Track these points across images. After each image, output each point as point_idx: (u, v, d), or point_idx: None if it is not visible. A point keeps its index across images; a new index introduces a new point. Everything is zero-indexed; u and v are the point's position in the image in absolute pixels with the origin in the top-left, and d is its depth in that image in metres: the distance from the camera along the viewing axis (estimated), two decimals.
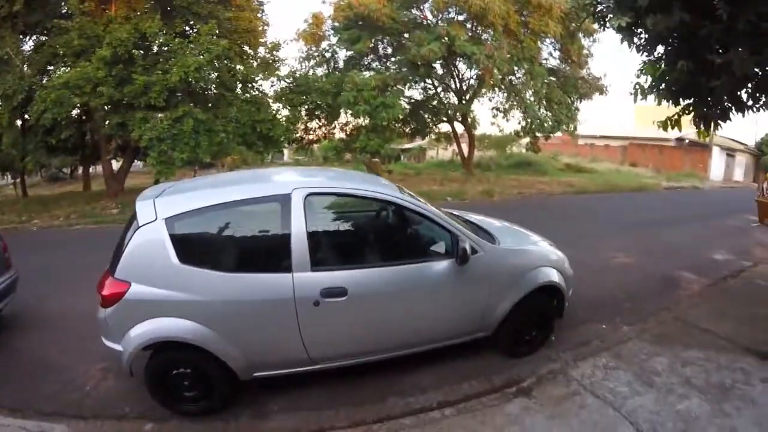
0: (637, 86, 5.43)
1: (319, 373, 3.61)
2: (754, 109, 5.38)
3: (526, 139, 19.92)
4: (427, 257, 3.66)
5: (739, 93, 5.33)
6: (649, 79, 5.50)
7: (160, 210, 3.24)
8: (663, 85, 5.44)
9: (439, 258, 3.61)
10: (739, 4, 4.17)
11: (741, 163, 35.16)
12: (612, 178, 20.53)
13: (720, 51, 4.71)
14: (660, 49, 5.45)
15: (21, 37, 13.89)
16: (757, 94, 5.24)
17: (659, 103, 5.60)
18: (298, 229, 3.26)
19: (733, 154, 33.96)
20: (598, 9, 5.50)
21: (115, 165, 16.80)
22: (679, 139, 31.48)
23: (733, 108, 5.45)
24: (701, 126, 5.73)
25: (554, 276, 4.22)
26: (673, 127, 5.79)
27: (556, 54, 18.73)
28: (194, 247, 3.29)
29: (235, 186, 3.65)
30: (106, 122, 13.08)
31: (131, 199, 3.96)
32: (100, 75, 11.98)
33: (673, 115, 5.74)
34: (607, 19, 5.32)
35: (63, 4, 12.74)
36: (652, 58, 5.54)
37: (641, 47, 5.44)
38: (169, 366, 3.34)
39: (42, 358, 4.32)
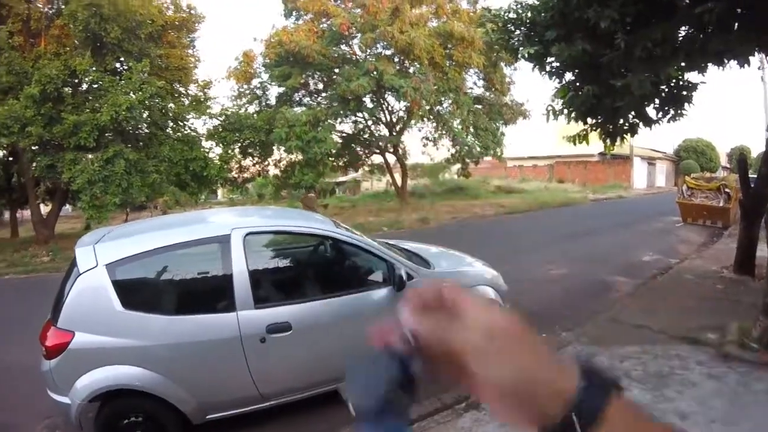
0: (549, 108, 6.06)
1: (269, 410, 3.59)
2: (660, 122, 6.09)
3: (457, 166, 20.68)
4: (365, 287, 3.86)
5: (645, 109, 6.03)
6: (560, 102, 6.10)
7: (100, 256, 3.20)
8: (572, 106, 6.01)
9: (378, 286, 3.80)
10: (635, 34, 4.72)
11: (662, 170, 38.70)
12: (541, 196, 21.64)
13: (622, 74, 5.25)
14: (569, 75, 6.06)
15: None
16: (666, 108, 5.92)
17: (569, 122, 6.28)
18: (239, 268, 3.33)
19: (653, 162, 37.34)
20: (510, 42, 6.02)
21: (44, 209, 16.09)
22: (602, 153, 33.81)
23: (640, 123, 6.16)
24: (607, 140, 6.49)
25: (490, 293, 4.46)
26: (581, 142, 6.60)
27: (481, 83, 19.88)
28: (137, 292, 3.30)
29: (174, 229, 3.69)
30: (34, 164, 12.57)
31: (63, 245, 3.96)
32: (29, 114, 11.55)
33: (581, 131, 6.48)
34: (518, 51, 5.85)
35: None
36: (563, 82, 6.14)
37: (552, 73, 6.00)
38: (120, 415, 3.23)
39: None
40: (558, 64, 5.83)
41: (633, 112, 6.06)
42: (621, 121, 6.26)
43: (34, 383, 3.34)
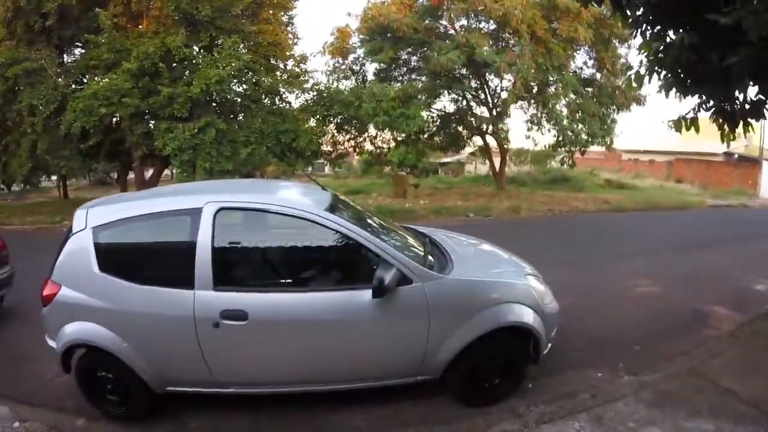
0: (631, 74, 4.42)
1: (244, 399, 3.57)
2: None
3: (561, 154, 18.92)
4: (347, 285, 3.42)
5: None
6: (645, 61, 4.39)
7: (90, 219, 3.39)
8: (662, 67, 4.29)
9: (361, 287, 3.23)
10: None
11: None
12: (653, 196, 19.30)
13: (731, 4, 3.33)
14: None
15: (56, 49, 14.62)
16: None
17: (663, 93, 4.43)
18: (204, 244, 3.20)
19: None
20: None
21: (149, 174, 17.49)
22: (728, 153, 29.39)
23: None
24: (724, 125, 4.54)
25: (526, 315, 3.58)
26: (689, 128, 4.46)
27: (591, 63, 17.76)
28: (112, 257, 3.37)
29: (156, 199, 3.70)
30: (132, 131, 13.55)
31: None
32: (127, 86, 12.57)
33: (688, 112, 4.46)
34: None
35: (95, 19, 13.23)
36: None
37: (635, 23, 4.36)
38: (94, 367, 3.48)
39: (19, 348, 4.82)
40: (642, 10, 4.15)
41: (757, 82, 4.03)
42: (743, 92, 4.18)
43: None
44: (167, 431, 3.54)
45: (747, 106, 4.29)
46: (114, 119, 14.02)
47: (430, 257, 3.75)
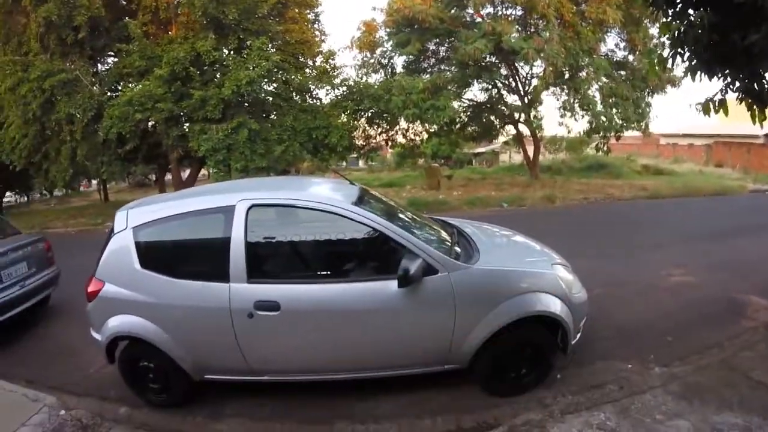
0: (653, 57, 4.28)
1: (277, 386, 3.76)
2: None
3: (595, 141, 18.51)
4: (374, 276, 3.52)
5: None
6: (667, 42, 4.25)
7: (130, 219, 3.62)
8: (685, 48, 4.14)
9: (388, 277, 3.30)
10: None
11: None
12: (691, 181, 18.62)
13: None
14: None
15: (90, 60, 15.29)
16: None
17: (688, 76, 4.27)
18: (237, 239, 3.37)
19: None
20: None
21: (186, 174, 18.10)
22: None
23: None
24: (753, 106, 4.33)
25: (553, 305, 3.59)
26: (717, 111, 4.32)
27: (622, 45, 17.27)
28: (151, 254, 3.58)
29: (191, 198, 3.89)
30: (168, 134, 14.06)
31: None
32: (160, 92, 13.06)
33: (716, 94, 4.29)
34: None
35: (125, 29, 13.80)
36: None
37: (656, 2, 4.21)
38: (136, 358, 3.73)
39: (65, 342, 5.18)
40: None
41: None
42: (764, 72, 4.08)
43: None
44: (205, 417, 3.74)
45: None
46: (149, 124, 14.55)
47: (456, 248, 3.81)
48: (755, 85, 4.25)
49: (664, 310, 5.35)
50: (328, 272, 3.65)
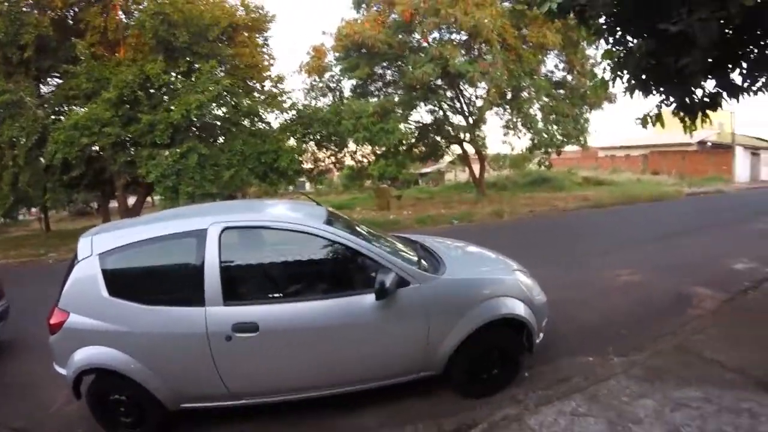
0: (597, 80, 4.85)
1: (256, 409, 3.61)
2: (750, 92, 4.53)
3: (538, 156, 19.43)
4: (349, 291, 3.55)
5: (726, 73, 4.47)
6: (609, 66, 4.83)
7: (95, 246, 3.48)
8: (625, 71, 4.74)
9: (363, 292, 3.44)
10: None
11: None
12: (631, 189, 19.82)
13: (678, 16, 3.76)
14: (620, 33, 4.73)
15: (35, 81, 14.50)
16: (756, 73, 4.37)
17: (628, 95, 4.87)
18: (212, 263, 3.33)
19: (758, 152, 32.64)
20: None
21: (132, 201, 17.34)
22: (701, 142, 30.56)
23: (724, 93, 4.61)
24: (685, 119, 4.98)
25: (517, 308, 3.83)
26: (654, 124, 5.05)
27: (561, 66, 18.40)
28: (120, 281, 3.43)
29: (161, 223, 3.76)
30: (115, 160, 13.54)
31: None
32: (107, 116, 12.52)
33: (652, 109, 5.02)
34: (542, 4, 4.58)
35: (72, 49, 13.24)
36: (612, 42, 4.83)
37: (599, 32, 4.77)
38: (107, 391, 3.52)
39: (23, 379, 4.78)
40: (603, 19, 4.55)
41: (711, 78, 4.53)
42: (697, 90, 4.70)
43: None
44: None
45: (706, 100, 4.73)
46: (95, 149, 13.90)
47: (423, 261, 3.95)
48: (687, 100, 4.82)
49: (618, 308, 5.75)
50: (305, 290, 3.63)
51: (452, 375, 3.76)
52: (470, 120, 18.78)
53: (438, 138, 20.38)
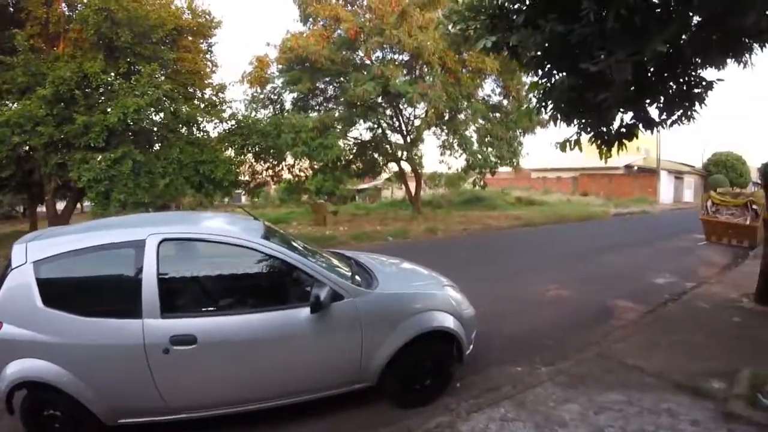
0: (524, 109, 5.40)
1: (194, 423, 3.53)
2: (665, 125, 5.12)
3: (473, 176, 20.11)
4: (285, 305, 3.63)
5: (644, 108, 5.07)
6: (534, 98, 5.34)
7: (30, 253, 3.36)
8: (549, 103, 5.24)
9: (299, 305, 3.53)
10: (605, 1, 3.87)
11: (690, 184, 37.35)
12: (561, 209, 20.92)
13: (597, 56, 4.26)
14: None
15: None
16: (672, 107, 4.96)
17: (553, 124, 5.43)
18: (149, 274, 3.30)
19: (681, 176, 36.03)
20: (469, 32, 5.27)
21: (62, 206, 16.22)
22: (628, 166, 32.99)
23: (640, 124, 5.20)
24: (602, 147, 5.53)
25: (447, 320, 4.05)
26: (572, 148, 5.50)
27: (498, 90, 19.21)
28: (56, 291, 3.34)
29: (99, 231, 3.70)
30: (46, 162, 12.75)
31: None
32: (41, 114, 11.77)
33: (571, 136, 5.48)
34: (479, 42, 5.07)
35: (10, 39, 12.33)
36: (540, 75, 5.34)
37: (529, 65, 5.24)
38: (40, 406, 3.40)
39: None
40: (533, 54, 5.00)
41: (630, 112, 5.13)
42: (614, 121, 5.31)
43: None
44: None
45: (623, 130, 5.35)
46: (26, 148, 13.04)
47: (357, 276, 4.14)
48: (603, 129, 5.43)
49: (544, 320, 6.15)
50: (242, 303, 3.66)
51: (386, 386, 3.91)
52: (408, 139, 19.22)
53: (376, 155, 20.61)
